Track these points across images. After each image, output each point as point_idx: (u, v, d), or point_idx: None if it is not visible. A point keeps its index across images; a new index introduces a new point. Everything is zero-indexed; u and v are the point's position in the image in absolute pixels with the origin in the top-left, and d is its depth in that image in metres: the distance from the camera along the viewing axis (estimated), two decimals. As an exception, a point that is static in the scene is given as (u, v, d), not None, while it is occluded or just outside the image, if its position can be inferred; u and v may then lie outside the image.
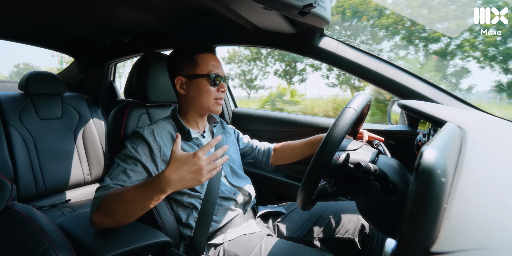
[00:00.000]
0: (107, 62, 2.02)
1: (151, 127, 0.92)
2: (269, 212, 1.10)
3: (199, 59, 0.96)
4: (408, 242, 0.34)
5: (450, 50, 12.80)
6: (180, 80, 0.97)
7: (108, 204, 0.73)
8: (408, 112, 0.86)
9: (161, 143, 0.90)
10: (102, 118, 1.93)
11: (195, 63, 0.95)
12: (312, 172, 0.65)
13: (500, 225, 0.34)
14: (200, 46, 0.98)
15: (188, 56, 0.96)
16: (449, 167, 0.40)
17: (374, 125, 1.32)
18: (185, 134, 0.96)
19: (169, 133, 0.95)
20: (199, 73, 0.95)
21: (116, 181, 0.80)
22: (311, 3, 0.79)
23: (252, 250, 0.85)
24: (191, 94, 0.97)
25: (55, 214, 1.41)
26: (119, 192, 0.73)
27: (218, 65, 0.98)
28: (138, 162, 0.85)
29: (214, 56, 0.99)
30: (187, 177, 0.69)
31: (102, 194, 0.76)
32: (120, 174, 0.82)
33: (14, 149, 1.49)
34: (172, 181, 0.68)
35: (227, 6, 0.94)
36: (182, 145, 0.95)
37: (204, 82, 0.95)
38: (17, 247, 0.65)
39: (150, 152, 0.87)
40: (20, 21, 1.39)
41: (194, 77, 0.95)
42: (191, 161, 0.68)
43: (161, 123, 0.96)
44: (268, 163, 1.20)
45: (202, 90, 0.95)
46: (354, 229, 0.94)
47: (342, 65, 1.16)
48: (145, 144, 0.88)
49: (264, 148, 1.22)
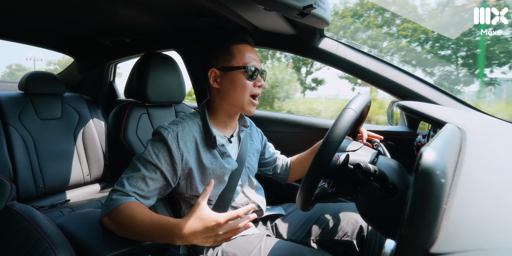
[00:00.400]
0: (107, 62, 2.02)
1: (176, 130, 0.84)
2: (268, 215, 1.09)
3: (235, 50, 0.88)
4: (407, 243, 0.34)
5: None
6: (214, 72, 0.89)
7: (120, 219, 0.73)
8: (408, 113, 0.86)
9: (184, 151, 0.84)
10: (102, 118, 1.93)
11: (230, 54, 0.88)
12: (312, 173, 0.65)
13: (500, 226, 0.34)
14: (236, 37, 0.90)
15: (223, 47, 0.89)
16: (449, 168, 0.40)
17: (374, 126, 1.32)
18: (210, 139, 0.88)
19: (193, 137, 0.87)
20: (235, 65, 0.87)
21: (134, 189, 0.78)
22: (311, 4, 0.80)
23: (251, 251, 0.85)
24: (225, 88, 0.89)
25: (54, 214, 1.40)
26: (134, 213, 0.72)
27: (255, 57, 0.90)
28: (157, 169, 0.81)
29: (251, 47, 0.92)
30: (199, 238, 0.66)
31: (120, 199, 0.75)
32: (139, 181, 0.79)
33: (14, 149, 1.49)
34: (183, 237, 0.66)
35: (227, 6, 0.94)
36: (205, 152, 0.89)
37: (240, 75, 0.87)
38: (17, 247, 0.65)
39: (171, 159, 0.82)
40: (20, 21, 1.39)
41: (229, 69, 0.87)
42: (210, 225, 0.65)
43: (187, 124, 0.88)
44: (285, 177, 1.16)
45: (238, 83, 0.87)
46: (352, 231, 0.93)
47: (342, 66, 1.16)
48: (167, 150, 0.82)
49: (283, 161, 1.18)
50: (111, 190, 0.79)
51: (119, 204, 0.74)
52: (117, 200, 0.75)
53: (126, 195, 0.77)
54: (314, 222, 1.00)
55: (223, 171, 0.91)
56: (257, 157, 1.10)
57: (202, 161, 0.87)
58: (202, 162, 0.87)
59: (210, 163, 0.89)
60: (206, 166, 0.88)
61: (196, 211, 0.67)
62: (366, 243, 0.92)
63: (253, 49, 0.92)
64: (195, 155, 0.87)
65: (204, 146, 0.89)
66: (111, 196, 0.77)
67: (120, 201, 0.75)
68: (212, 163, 0.89)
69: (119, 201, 0.75)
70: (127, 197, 0.77)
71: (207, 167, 0.88)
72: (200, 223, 0.66)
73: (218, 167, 0.90)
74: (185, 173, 0.87)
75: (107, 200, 0.77)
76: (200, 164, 0.88)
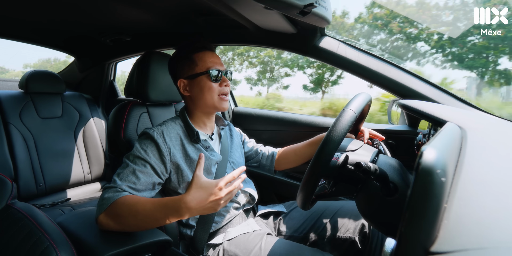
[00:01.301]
0: (107, 61, 2.02)
1: (161, 128, 0.91)
2: (270, 212, 1.10)
3: (197, 58, 0.95)
4: (407, 241, 0.34)
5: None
6: (183, 82, 0.97)
7: (120, 211, 0.73)
8: (409, 111, 0.86)
9: (170, 145, 0.90)
10: (102, 117, 1.93)
11: (193, 62, 0.95)
12: (312, 173, 0.65)
13: (500, 225, 0.34)
14: (195, 46, 0.97)
15: (186, 57, 0.96)
16: (449, 167, 0.40)
17: (374, 124, 1.32)
18: (193, 135, 0.95)
19: (177, 134, 0.94)
20: (198, 72, 0.94)
21: (126, 183, 0.80)
22: (312, 3, 0.79)
23: (251, 249, 0.86)
24: (195, 94, 0.96)
25: (55, 213, 1.41)
26: (133, 203, 0.73)
27: (217, 60, 0.96)
28: (147, 163, 0.84)
29: (212, 52, 0.98)
30: (206, 206, 0.69)
31: (113, 196, 0.75)
32: (129, 175, 0.81)
33: (15, 148, 1.49)
34: (191, 208, 0.68)
35: (228, 5, 0.94)
36: (190, 147, 0.94)
37: (205, 80, 0.94)
38: (18, 245, 0.65)
39: (159, 153, 0.87)
40: (21, 20, 1.39)
41: (194, 76, 0.95)
42: (212, 191, 0.69)
43: (170, 124, 0.95)
44: (271, 168, 1.19)
45: (204, 87, 0.94)
46: (355, 228, 0.94)
47: (342, 65, 1.16)
48: (155, 145, 0.87)
49: (268, 152, 1.21)
50: (103, 189, 0.79)
51: (114, 200, 0.74)
52: (111, 198, 0.75)
53: (118, 192, 0.77)
54: (316, 219, 1.01)
55: (209, 163, 0.95)
56: (241, 152, 1.15)
57: (188, 154, 0.93)
58: (188, 155, 0.93)
59: (196, 156, 0.94)
60: (193, 158, 0.93)
61: (196, 182, 0.70)
62: (368, 240, 0.92)
63: (213, 53, 0.98)
64: (181, 150, 0.93)
65: (188, 142, 0.95)
66: (103, 195, 0.77)
67: (113, 198, 0.75)
68: (198, 156, 0.94)
69: (112, 198, 0.75)
70: (120, 192, 0.77)
71: (194, 159, 0.93)
72: (203, 191, 0.69)
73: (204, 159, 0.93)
74: (174, 166, 0.90)
75: (100, 199, 0.77)
76: (187, 157, 0.93)
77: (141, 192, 0.81)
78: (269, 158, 1.20)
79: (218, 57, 0.99)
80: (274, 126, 1.55)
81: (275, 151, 1.21)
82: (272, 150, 1.22)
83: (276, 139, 1.55)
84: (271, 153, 1.21)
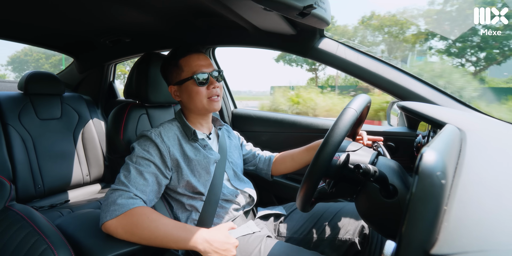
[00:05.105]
0: (106, 62, 2.02)
1: (158, 130, 0.93)
2: (269, 214, 1.10)
3: (183, 63, 0.95)
4: (407, 244, 0.34)
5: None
6: (173, 89, 0.99)
7: (137, 222, 0.74)
8: (408, 113, 0.86)
9: (169, 144, 0.91)
10: (101, 119, 1.93)
11: (179, 68, 0.95)
12: (312, 173, 0.65)
13: (500, 227, 0.34)
14: (180, 51, 0.97)
15: (173, 63, 0.97)
16: (449, 169, 0.40)
17: (373, 126, 1.32)
18: (191, 134, 0.96)
19: (175, 134, 0.95)
20: (184, 78, 0.94)
21: (136, 186, 0.80)
22: (311, 4, 0.80)
23: (251, 252, 0.85)
24: (184, 99, 0.97)
25: (54, 215, 1.40)
26: (155, 219, 0.76)
27: (202, 62, 0.95)
28: (151, 163, 0.86)
29: (197, 55, 0.97)
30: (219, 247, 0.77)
31: (128, 204, 0.75)
32: (137, 177, 0.81)
33: (13, 149, 1.49)
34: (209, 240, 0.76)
35: (227, 7, 0.94)
36: (188, 146, 0.95)
37: (191, 85, 0.94)
38: (16, 247, 0.64)
39: (160, 152, 0.88)
40: (21, 22, 1.39)
41: (181, 82, 0.95)
42: (230, 241, 0.79)
43: (167, 125, 0.96)
44: (268, 172, 1.19)
45: (192, 92, 0.94)
46: (354, 230, 0.94)
47: (342, 66, 1.16)
48: (154, 145, 0.88)
49: (265, 156, 1.21)
50: (111, 190, 0.79)
51: (130, 208, 0.74)
52: (125, 205, 0.75)
53: (132, 199, 0.77)
54: (316, 221, 1.01)
55: (208, 161, 0.96)
56: (239, 153, 1.15)
57: (186, 153, 0.93)
58: (186, 155, 0.93)
59: (194, 155, 0.94)
60: (191, 158, 0.93)
61: (220, 227, 0.81)
62: (368, 241, 0.92)
63: (199, 55, 0.97)
64: (179, 149, 0.93)
65: (186, 142, 0.96)
66: (114, 200, 0.76)
67: (129, 206, 0.75)
68: (196, 155, 0.95)
69: (127, 206, 0.75)
70: (134, 200, 0.77)
71: (192, 158, 0.93)
72: (222, 235, 0.79)
73: (202, 158, 0.95)
74: (174, 164, 0.91)
75: (110, 203, 0.76)
76: (185, 157, 0.93)
77: (149, 195, 0.83)
78: (266, 162, 1.19)
79: (206, 58, 0.98)
80: (274, 128, 1.55)
81: (272, 156, 1.21)
82: (269, 154, 1.22)
83: (276, 140, 1.55)
84: (268, 157, 1.20)
